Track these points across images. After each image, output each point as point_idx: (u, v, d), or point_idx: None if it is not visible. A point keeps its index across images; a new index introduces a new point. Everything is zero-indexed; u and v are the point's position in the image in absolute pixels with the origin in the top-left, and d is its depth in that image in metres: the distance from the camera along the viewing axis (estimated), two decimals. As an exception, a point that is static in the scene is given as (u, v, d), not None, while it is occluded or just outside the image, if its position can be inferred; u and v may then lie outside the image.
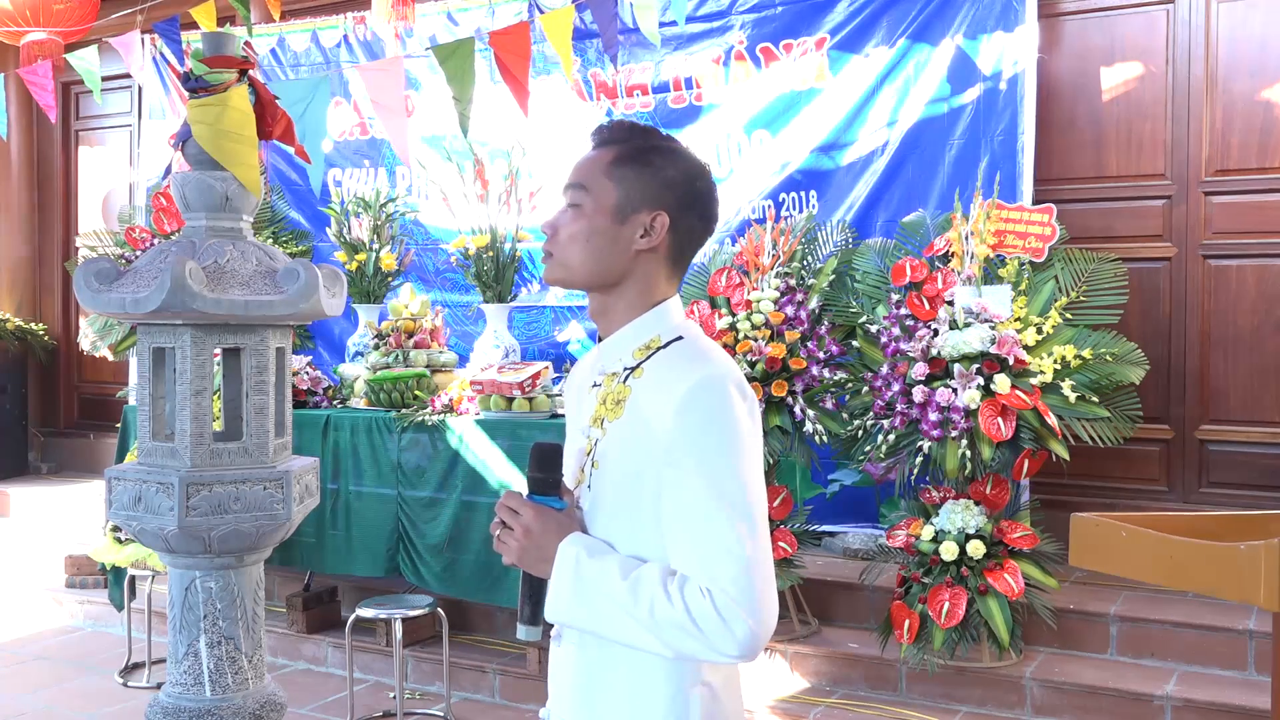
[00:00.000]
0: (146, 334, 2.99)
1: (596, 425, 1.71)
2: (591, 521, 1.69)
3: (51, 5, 6.27)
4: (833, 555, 5.47)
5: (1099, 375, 4.40)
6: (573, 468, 1.75)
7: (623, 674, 1.65)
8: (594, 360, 1.81)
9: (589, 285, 1.72)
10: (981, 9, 5.33)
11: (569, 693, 1.73)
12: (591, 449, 1.70)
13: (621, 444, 1.66)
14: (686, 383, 1.59)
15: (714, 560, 1.53)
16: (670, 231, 1.70)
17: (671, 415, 1.58)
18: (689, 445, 1.57)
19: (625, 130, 1.74)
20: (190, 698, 2.96)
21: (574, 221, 1.70)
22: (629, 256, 1.70)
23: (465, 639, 5.24)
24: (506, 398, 4.91)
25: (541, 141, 6.14)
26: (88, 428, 8.90)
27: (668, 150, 1.73)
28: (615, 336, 1.73)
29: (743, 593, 1.52)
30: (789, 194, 5.76)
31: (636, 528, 1.64)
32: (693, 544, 1.56)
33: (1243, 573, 2.18)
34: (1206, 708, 4.09)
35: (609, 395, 1.70)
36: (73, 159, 9.01)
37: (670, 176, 1.70)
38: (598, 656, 1.68)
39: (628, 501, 1.64)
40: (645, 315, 1.71)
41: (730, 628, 1.51)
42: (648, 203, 1.69)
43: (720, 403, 1.58)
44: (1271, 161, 5.21)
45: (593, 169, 1.71)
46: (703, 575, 1.53)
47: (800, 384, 4.71)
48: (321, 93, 4.80)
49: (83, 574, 6.26)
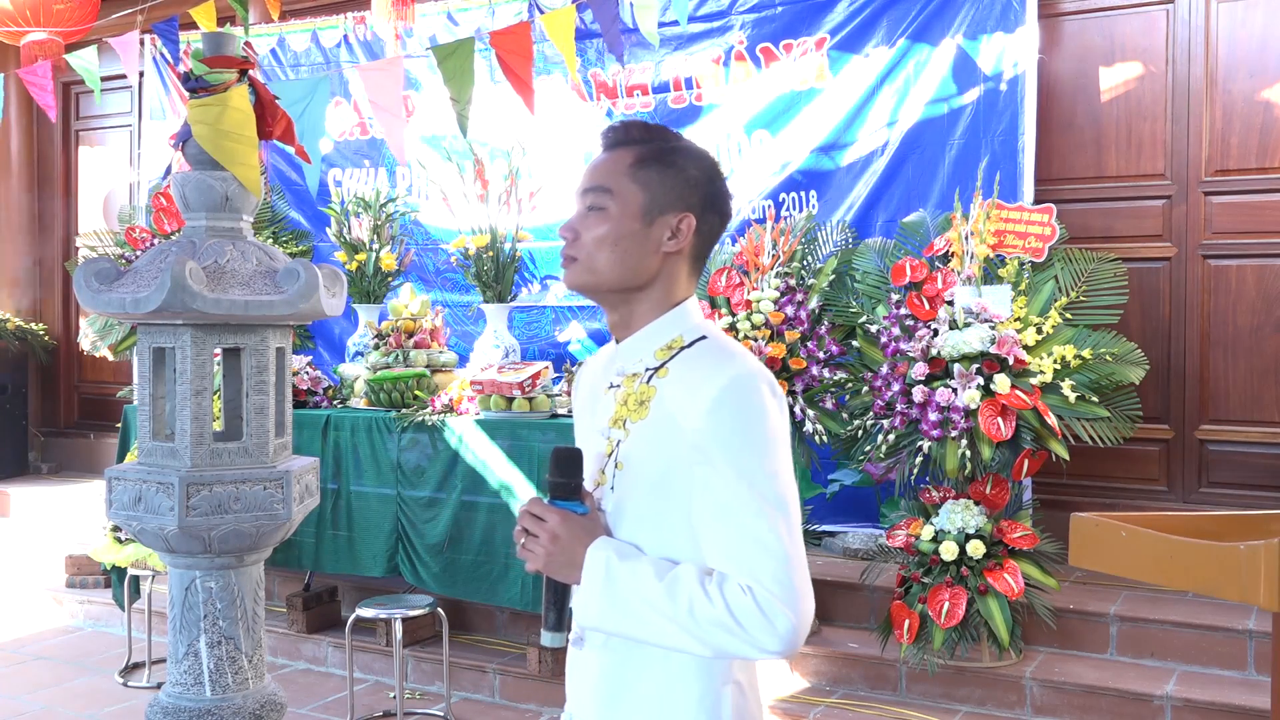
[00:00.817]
0: (146, 334, 2.99)
1: (618, 426, 1.69)
2: (617, 523, 1.68)
3: (51, 5, 6.26)
4: (833, 555, 5.47)
5: (1099, 375, 4.40)
6: (592, 470, 1.73)
7: (651, 675, 1.64)
8: (607, 362, 1.79)
9: (616, 288, 1.70)
10: (981, 9, 5.34)
11: (593, 696, 1.71)
12: (613, 450, 1.69)
13: (647, 444, 1.64)
14: (718, 381, 1.58)
15: (753, 556, 1.54)
16: (694, 232, 1.70)
17: (703, 414, 1.57)
18: (723, 443, 1.57)
19: (641, 130, 1.73)
20: (190, 698, 2.96)
21: (599, 225, 1.68)
22: (658, 258, 1.69)
23: (465, 639, 5.24)
24: (506, 398, 4.91)
25: (541, 141, 6.14)
26: (88, 428, 8.90)
27: (688, 150, 1.72)
28: (635, 337, 1.72)
29: (784, 588, 1.52)
30: (789, 194, 5.76)
31: (665, 527, 1.63)
32: (730, 541, 1.56)
33: (1243, 573, 2.18)
34: (1206, 708, 4.09)
35: (630, 396, 1.69)
36: (73, 159, 9.01)
37: (693, 176, 1.70)
38: (624, 659, 1.67)
39: (656, 501, 1.63)
40: (665, 316, 1.71)
41: (773, 623, 1.51)
42: (674, 204, 1.69)
43: (753, 401, 1.58)
44: (1271, 161, 5.21)
45: (614, 171, 1.69)
46: (742, 572, 1.54)
47: (800, 384, 4.71)
48: (321, 93, 4.80)
49: (83, 574, 6.26)
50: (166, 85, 7.46)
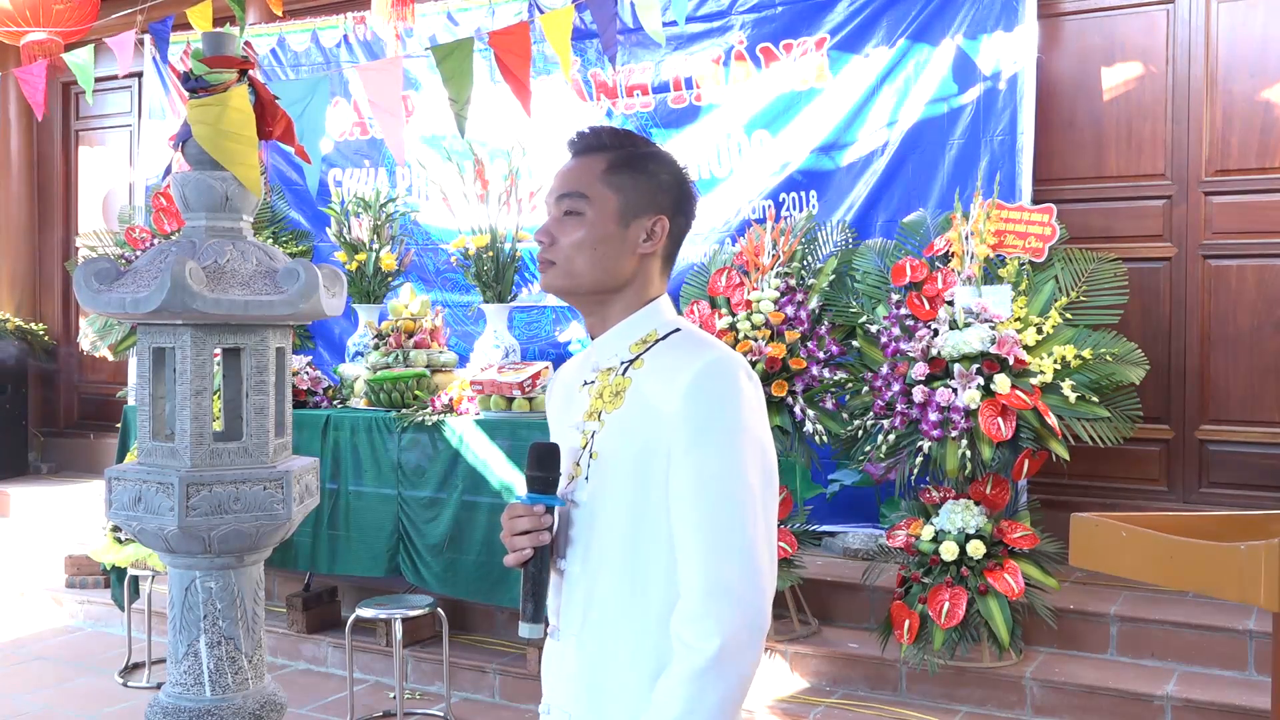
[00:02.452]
0: (146, 334, 2.99)
1: (593, 419, 1.73)
2: (593, 512, 1.70)
3: (51, 5, 6.26)
4: (833, 555, 5.47)
5: (1099, 375, 4.40)
6: (566, 465, 1.76)
7: (627, 666, 1.67)
8: (581, 362, 1.84)
9: (594, 290, 1.75)
10: (981, 9, 5.33)
11: (571, 686, 1.74)
12: (588, 442, 1.72)
13: (624, 432, 1.68)
14: (694, 366, 1.63)
15: (719, 535, 1.58)
16: (667, 234, 1.76)
17: (680, 398, 1.61)
18: (698, 427, 1.60)
19: (611, 136, 1.77)
20: (190, 698, 2.96)
21: (576, 229, 1.73)
22: (634, 260, 1.74)
23: (465, 639, 5.24)
24: (506, 398, 4.90)
25: (541, 141, 6.13)
26: (88, 428, 8.90)
27: (656, 155, 1.79)
28: (609, 334, 1.77)
29: (745, 569, 1.57)
30: (789, 194, 5.76)
31: (642, 513, 1.66)
32: (700, 520, 1.59)
33: (1243, 573, 2.18)
34: (1206, 708, 4.09)
35: (606, 388, 1.73)
36: (73, 159, 9.01)
37: (665, 180, 1.76)
38: (599, 650, 1.70)
39: (633, 487, 1.66)
40: (638, 313, 1.76)
41: (720, 620, 1.55)
42: (648, 207, 1.74)
43: (729, 384, 1.63)
44: (1271, 161, 5.21)
45: (588, 176, 1.74)
46: (707, 548, 1.58)
47: (800, 384, 4.71)
48: (321, 93, 4.80)
49: (83, 574, 6.26)
50: (166, 85, 7.46)
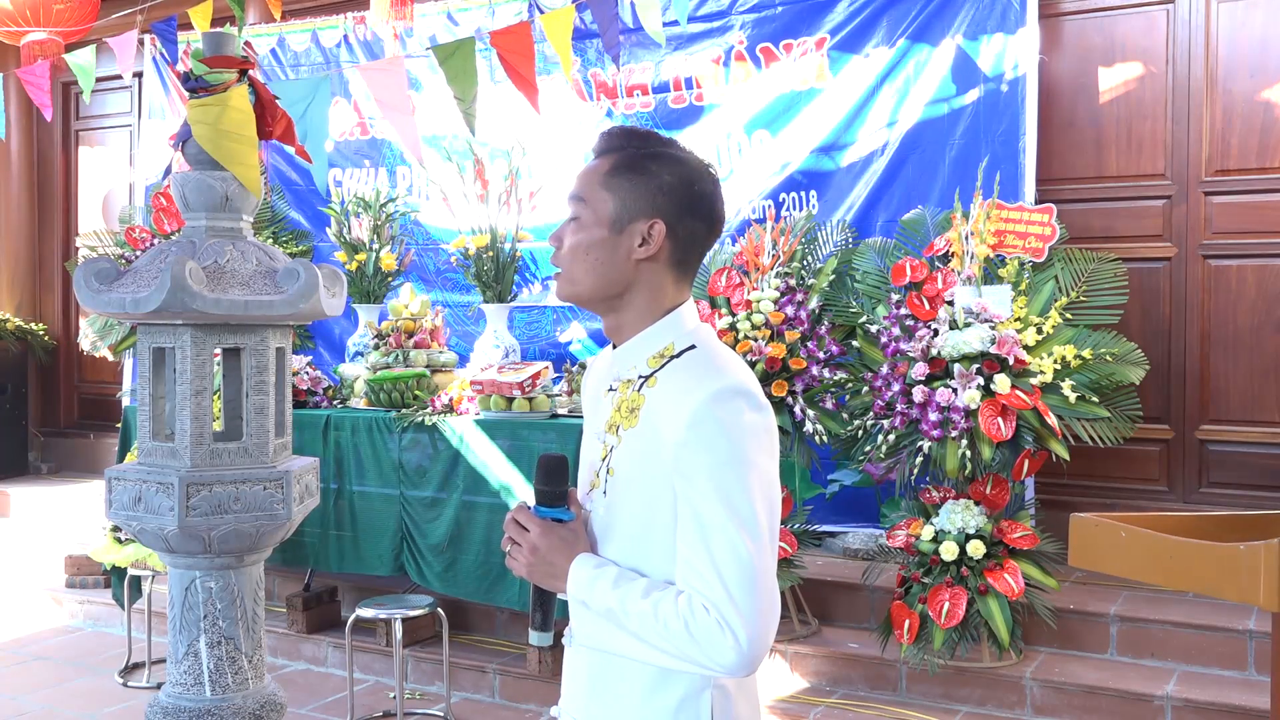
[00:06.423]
0: (146, 334, 2.99)
1: (612, 432, 1.71)
2: (608, 529, 1.70)
3: (51, 5, 6.26)
4: (833, 555, 5.47)
5: (1099, 375, 4.40)
6: (587, 472, 1.76)
7: (634, 676, 1.66)
8: (608, 364, 1.80)
9: (595, 298, 1.72)
10: (981, 9, 5.33)
11: (579, 693, 1.74)
12: (607, 455, 1.71)
13: (636, 454, 1.66)
14: (698, 396, 1.59)
15: (718, 574, 1.55)
16: (669, 238, 1.69)
17: (683, 428, 1.59)
18: (699, 459, 1.58)
19: (621, 137, 1.73)
20: (190, 698, 2.96)
21: (574, 234, 1.71)
22: (630, 266, 1.69)
23: (465, 639, 5.24)
24: (507, 398, 4.90)
25: (541, 141, 6.14)
26: (88, 428, 8.90)
27: (664, 156, 1.71)
28: (630, 344, 1.73)
29: (745, 606, 1.54)
30: (789, 194, 5.76)
31: (649, 537, 1.65)
32: (699, 556, 1.57)
33: (1243, 573, 2.18)
34: (1206, 708, 4.09)
35: (624, 403, 1.71)
36: (73, 159, 9.01)
37: (666, 182, 1.69)
38: (607, 659, 1.70)
39: (643, 511, 1.65)
40: (659, 323, 1.71)
41: (732, 640, 1.54)
42: (644, 211, 1.68)
43: (731, 418, 1.59)
44: (1271, 161, 5.21)
45: (590, 180, 1.72)
46: (707, 588, 1.56)
47: (800, 384, 4.71)
48: (322, 93, 4.79)
49: (83, 574, 6.26)
50: (166, 85, 7.45)
